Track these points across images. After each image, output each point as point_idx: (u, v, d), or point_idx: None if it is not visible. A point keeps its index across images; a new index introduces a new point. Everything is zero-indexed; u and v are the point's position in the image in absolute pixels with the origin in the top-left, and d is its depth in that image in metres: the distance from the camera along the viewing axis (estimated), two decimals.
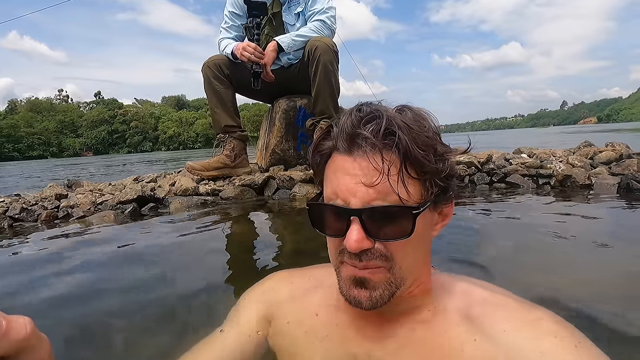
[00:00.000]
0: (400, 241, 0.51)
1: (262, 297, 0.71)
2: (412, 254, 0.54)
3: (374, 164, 0.50)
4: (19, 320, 0.28)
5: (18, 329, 0.27)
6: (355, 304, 0.54)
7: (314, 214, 0.57)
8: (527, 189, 2.22)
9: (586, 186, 2.05)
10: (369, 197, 0.50)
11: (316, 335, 0.62)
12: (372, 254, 0.51)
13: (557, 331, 0.49)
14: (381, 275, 0.52)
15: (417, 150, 0.50)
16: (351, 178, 0.51)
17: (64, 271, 1.23)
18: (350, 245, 0.50)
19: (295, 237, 1.68)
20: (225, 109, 2.70)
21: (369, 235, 0.50)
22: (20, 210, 1.98)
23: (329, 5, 2.66)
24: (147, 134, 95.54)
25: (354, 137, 0.51)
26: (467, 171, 2.42)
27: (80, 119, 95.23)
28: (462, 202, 1.95)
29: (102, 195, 2.38)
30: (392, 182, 0.50)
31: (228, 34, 2.79)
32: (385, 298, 0.53)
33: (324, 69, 2.45)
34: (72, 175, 8.17)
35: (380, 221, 0.50)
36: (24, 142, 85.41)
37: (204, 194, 2.35)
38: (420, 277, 0.58)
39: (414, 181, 0.51)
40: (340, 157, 0.53)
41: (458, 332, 0.53)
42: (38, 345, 0.29)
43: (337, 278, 0.57)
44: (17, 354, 0.27)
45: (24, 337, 0.27)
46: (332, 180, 0.54)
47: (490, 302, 0.56)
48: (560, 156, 2.61)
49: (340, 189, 0.52)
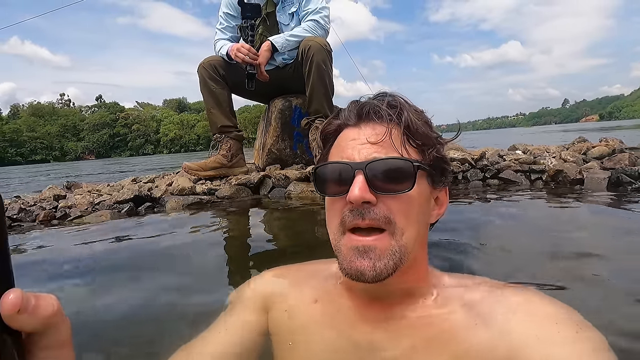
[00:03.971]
0: (402, 199, 0.53)
1: (257, 289, 0.70)
2: (414, 221, 0.55)
3: (379, 129, 0.56)
4: (47, 297, 0.28)
5: (46, 306, 0.28)
6: (357, 277, 0.52)
7: (319, 176, 0.58)
8: (519, 184, 2.24)
9: (577, 181, 2.07)
10: (372, 151, 0.54)
11: (316, 323, 0.61)
12: (374, 212, 0.52)
13: (557, 316, 0.49)
14: (385, 242, 0.52)
15: (417, 122, 0.56)
16: (356, 141, 0.56)
17: (51, 268, 1.25)
18: (354, 196, 0.51)
19: (289, 234, 1.70)
20: (221, 110, 2.73)
21: (372, 189, 0.52)
22: (18, 211, 2.02)
23: (323, 5, 2.69)
24: (149, 137, 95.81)
25: (362, 108, 0.58)
26: (460, 167, 2.43)
27: (82, 123, 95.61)
28: (456, 196, 1.97)
29: (100, 196, 2.41)
30: (394, 141, 0.55)
31: (223, 35, 2.82)
32: (389, 269, 0.52)
33: (318, 69, 2.48)
34: (76, 178, 8.21)
35: (383, 175, 0.53)
36: (27, 146, 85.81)
37: (201, 194, 2.38)
38: (419, 260, 0.58)
39: (414, 148, 0.56)
40: (347, 130, 0.59)
41: (459, 318, 0.54)
42: (62, 324, 0.29)
43: (337, 254, 0.56)
44: (44, 332, 0.28)
45: (51, 314, 0.28)
46: (338, 150, 0.59)
47: (489, 291, 0.56)
48: (553, 152, 2.63)
49: (346, 152, 0.56)
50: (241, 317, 0.67)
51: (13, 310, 0.26)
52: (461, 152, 2.62)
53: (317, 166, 0.60)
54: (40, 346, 0.28)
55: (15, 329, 0.27)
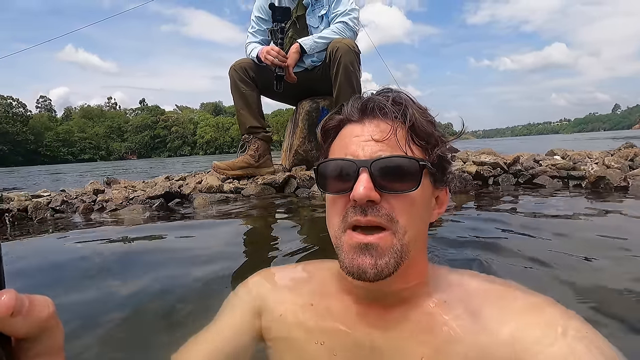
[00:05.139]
0: (406, 199, 0.52)
1: (251, 291, 0.68)
2: (416, 221, 0.54)
3: (384, 126, 0.54)
4: (41, 299, 0.26)
5: (41, 308, 0.25)
6: (359, 275, 0.51)
7: (322, 173, 0.57)
8: (555, 190, 2.11)
9: (621, 188, 1.92)
10: (377, 149, 0.53)
11: (314, 325, 0.60)
12: (377, 210, 0.51)
13: (560, 321, 0.48)
14: (387, 241, 0.51)
15: (421, 120, 0.55)
16: (360, 138, 0.55)
17: (85, 252, 1.33)
18: (358, 194, 0.50)
19: (308, 232, 1.71)
20: (250, 111, 2.80)
21: (377, 187, 0.51)
22: (61, 203, 2.17)
23: (352, 7, 2.69)
24: (186, 139, 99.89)
25: (365, 104, 0.56)
26: (491, 172, 2.34)
27: (126, 125, 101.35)
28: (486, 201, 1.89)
29: (135, 192, 2.54)
30: (399, 139, 0.53)
31: (254, 38, 2.89)
32: (390, 267, 0.51)
33: (345, 70, 2.48)
34: (125, 176, 8.69)
35: (388, 173, 0.51)
36: (77, 146, 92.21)
37: (227, 192, 2.44)
38: (419, 260, 0.57)
39: (418, 147, 0.55)
40: (350, 126, 0.57)
41: (461, 321, 0.52)
42: (56, 329, 0.27)
43: (338, 252, 0.55)
44: (36, 337, 0.26)
45: (46, 317, 0.26)
46: (340, 146, 0.57)
47: (489, 292, 0.55)
48: (596, 158, 2.46)
49: (350, 148, 0.55)
50: (236, 319, 0.66)
51: (6, 313, 0.23)
52: (493, 157, 2.51)
53: (320, 162, 0.58)
54: (31, 354, 0.26)
55: (7, 334, 0.24)
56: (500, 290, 0.55)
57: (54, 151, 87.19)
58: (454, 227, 1.44)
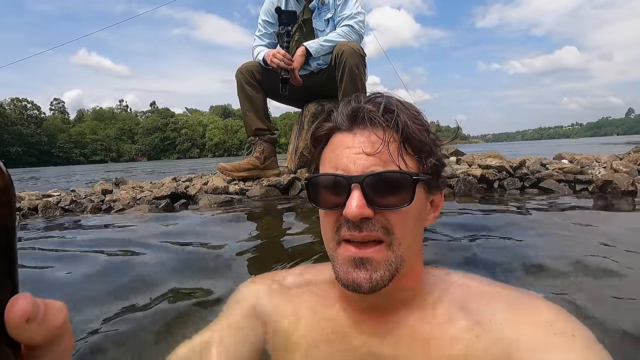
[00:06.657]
0: (400, 212, 0.51)
1: (250, 297, 0.67)
2: (411, 230, 0.53)
3: (374, 137, 0.52)
4: (56, 304, 0.24)
5: (56, 314, 0.24)
6: (354, 288, 0.51)
7: (313, 189, 0.55)
8: (561, 194, 2.08)
9: (629, 192, 1.89)
10: (369, 164, 0.51)
11: (314, 332, 0.60)
12: (372, 224, 0.50)
13: (553, 321, 0.48)
14: (382, 254, 0.51)
15: (414, 128, 0.53)
16: (351, 150, 0.52)
17: (90, 249, 1.36)
18: (351, 212, 0.49)
19: (311, 234, 1.72)
20: (256, 113, 2.83)
21: (369, 204, 0.50)
22: (70, 202, 2.22)
23: (358, 10, 2.71)
24: (195, 141, 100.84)
25: (356, 113, 0.54)
26: (497, 176, 2.32)
27: (137, 127, 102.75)
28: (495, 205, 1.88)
29: (142, 192, 2.58)
30: (392, 151, 0.51)
31: (261, 42, 2.92)
32: (385, 280, 0.51)
33: (350, 73, 2.49)
34: (133, 177, 8.76)
35: (381, 189, 0.50)
36: (89, 147, 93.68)
37: (233, 193, 2.47)
38: (414, 266, 0.57)
39: (411, 157, 0.53)
40: (340, 135, 0.55)
41: (457, 324, 0.53)
42: (67, 335, 0.25)
43: (333, 264, 0.55)
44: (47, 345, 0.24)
45: (61, 323, 0.24)
46: (331, 157, 0.55)
47: (486, 293, 0.55)
48: (604, 162, 2.42)
49: (341, 161, 0.53)
50: (234, 324, 0.64)
51: (22, 319, 0.22)
52: (499, 160, 2.49)
53: (311, 177, 0.57)
54: None
55: (19, 341, 0.23)
56: (496, 291, 0.56)
57: (66, 152, 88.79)
58: (454, 227, 1.43)
